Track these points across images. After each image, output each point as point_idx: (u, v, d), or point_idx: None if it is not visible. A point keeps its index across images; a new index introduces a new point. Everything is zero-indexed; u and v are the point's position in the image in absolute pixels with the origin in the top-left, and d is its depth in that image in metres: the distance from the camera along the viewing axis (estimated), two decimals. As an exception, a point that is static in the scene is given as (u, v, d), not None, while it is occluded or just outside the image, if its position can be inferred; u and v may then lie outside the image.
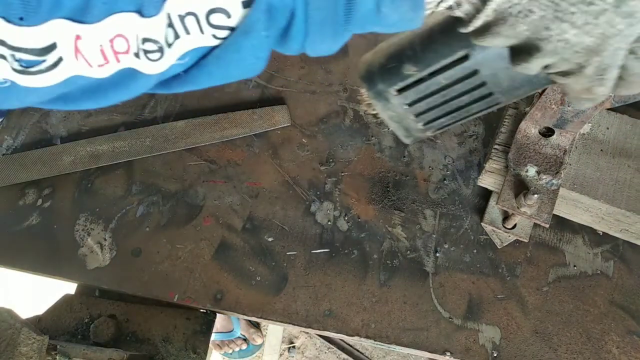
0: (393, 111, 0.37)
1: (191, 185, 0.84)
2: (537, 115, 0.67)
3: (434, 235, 0.79)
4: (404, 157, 0.85)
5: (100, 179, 0.85)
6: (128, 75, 0.30)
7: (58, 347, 0.66)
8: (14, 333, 0.58)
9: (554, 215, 0.73)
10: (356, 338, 0.73)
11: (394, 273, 0.76)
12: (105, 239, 0.80)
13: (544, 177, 0.68)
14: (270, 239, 0.79)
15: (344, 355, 1.75)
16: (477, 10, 0.29)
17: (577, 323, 0.72)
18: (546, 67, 0.31)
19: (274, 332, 1.81)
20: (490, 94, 0.36)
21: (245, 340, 1.77)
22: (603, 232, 0.77)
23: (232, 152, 0.87)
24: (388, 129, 0.88)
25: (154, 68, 0.31)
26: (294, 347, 1.81)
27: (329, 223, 0.80)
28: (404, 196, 0.82)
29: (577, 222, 0.78)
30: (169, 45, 0.30)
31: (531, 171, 0.69)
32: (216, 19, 0.29)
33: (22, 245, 0.80)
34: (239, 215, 0.81)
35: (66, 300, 0.80)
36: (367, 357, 1.73)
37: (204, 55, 0.31)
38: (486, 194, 0.80)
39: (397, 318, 0.73)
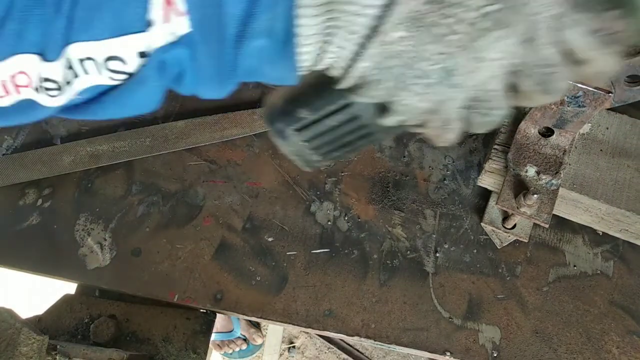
0: (292, 147, 0.42)
1: (191, 185, 0.84)
2: (537, 116, 0.67)
3: (434, 235, 0.79)
4: (404, 157, 0.85)
5: (100, 179, 0.85)
6: (28, 105, 0.34)
7: (58, 347, 0.66)
8: (14, 333, 0.58)
9: (553, 215, 0.73)
10: (356, 338, 0.73)
11: (394, 273, 0.76)
12: (105, 239, 0.80)
13: (544, 177, 0.68)
14: (270, 239, 0.80)
15: (344, 355, 1.75)
16: (344, 74, 0.34)
17: (577, 323, 0.72)
18: (402, 120, 0.36)
19: (274, 332, 1.81)
20: (371, 134, 0.42)
21: (245, 340, 1.77)
22: (603, 232, 0.78)
23: (232, 152, 0.87)
24: (388, 129, 0.87)
25: (52, 102, 0.34)
26: (294, 347, 1.81)
27: (329, 223, 0.80)
28: (404, 196, 0.82)
29: (577, 222, 0.78)
30: (68, 83, 0.33)
31: (531, 171, 0.69)
32: (113, 65, 0.32)
33: (22, 245, 0.80)
34: (239, 215, 0.81)
35: (66, 300, 0.80)
36: (367, 357, 1.73)
37: (104, 92, 0.34)
38: (486, 194, 0.80)
39: (397, 318, 0.73)
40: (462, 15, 0.30)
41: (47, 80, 0.32)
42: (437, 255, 0.77)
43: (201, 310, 0.80)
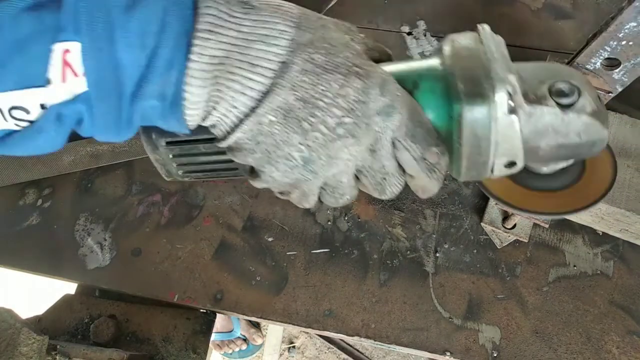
0: (159, 156, 0.45)
1: (191, 185, 0.84)
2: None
3: (434, 235, 0.79)
4: (404, 157, 0.85)
5: (101, 179, 0.85)
6: None
7: (58, 347, 0.66)
8: (14, 333, 0.58)
9: (553, 215, 0.73)
10: (356, 338, 0.73)
11: (394, 273, 0.76)
12: (105, 239, 0.80)
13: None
14: (270, 239, 0.79)
15: (344, 355, 1.75)
16: (223, 137, 0.38)
17: (577, 323, 0.72)
18: (266, 187, 0.42)
19: (274, 332, 1.81)
20: (235, 169, 0.46)
21: (245, 340, 1.77)
22: (603, 232, 0.77)
23: (232, 152, 0.86)
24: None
25: None
26: (294, 347, 1.81)
27: (329, 223, 0.80)
28: (404, 196, 0.82)
29: (577, 222, 0.78)
30: None
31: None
32: (17, 114, 0.34)
33: (22, 245, 0.80)
34: (239, 215, 0.81)
35: (66, 301, 0.80)
36: (367, 357, 1.73)
37: (10, 134, 0.36)
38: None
39: (397, 318, 0.73)
40: (324, 119, 0.36)
41: None
42: (437, 255, 0.77)
43: (201, 310, 0.80)
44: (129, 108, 0.36)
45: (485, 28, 0.41)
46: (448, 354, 0.71)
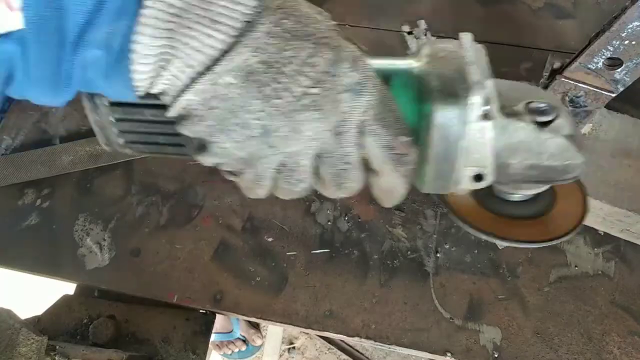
0: (99, 117, 0.40)
1: (190, 185, 0.84)
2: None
3: (435, 236, 0.78)
4: (405, 157, 0.84)
5: (100, 179, 0.85)
6: None
7: (57, 347, 0.66)
8: (13, 333, 0.58)
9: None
10: (356, 339, 0.72)
11: (394, 273, 0.76)
12: (104, 239, 0.80)
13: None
14: (270, 240, 0.79)
15: (344, 356, 1.74)
16: (172, 102, 0.34)
17: (578, 323, 0.72)
18: (217, 163, 0.38)
19: (274, 332, 1.81)
20: (182, 145, 0.41)
21: (244, 341, 1.76)
22: (604, 233, 0.77)
23: (231, 152, 0.86)
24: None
25: None
26: (294, 348, 1.80)
27: (329, 223, 0.80)
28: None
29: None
30: None
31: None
32: None
33: (21, 245, 0.80)
34: (238, 216, 0.81)
35: (65, 301, 0.80)
36: (367, 358, 1.73)
37: None
38: (487, 194, 0.80)
39: (398, 319, 0.73)
40: (289, 86, 0.33)
41: None
42: (438, 255, 0.77)
43: (200, 311, 0.79)
44: (69, 58, 0.32)
45: (466, 36, 0.39)
46: (449, 354, 0.70)
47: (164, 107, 0.36)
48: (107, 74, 0.33)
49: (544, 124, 0.38)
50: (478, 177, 0.39)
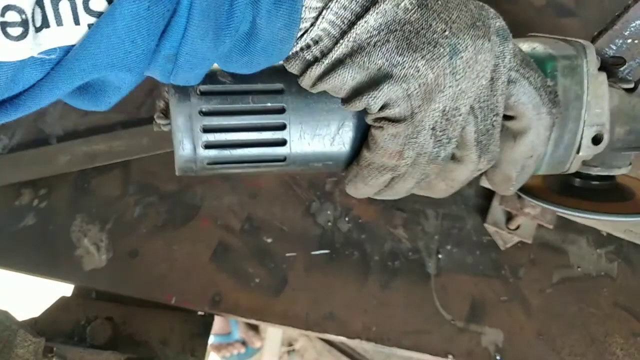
0: (186, 113, 0.35)
1: (189, 185, 0.83)
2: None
3: (436, 237, 0.78)
4: (405, 157, 0.84)
5: (97, 179, 0.84)
6: None
7: (54, 349, 0.65)
8: (10, 335, 0.57)
9: (557, 215, 0.72)
10: (357, 341, 0.72)
11: (395, 275, 0.75)
12: (101, 240, 0.79)
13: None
14: (269, 240, 0.79)
15: (345, 359, 1.74)
16: (341, 38, 0.31)
17: (580, 325, 0.71)
18: (383, 108, 0.34)
19: (273, 334, 1.80)
20: (284, 159, 0.36)
21: (243, 343, 1.76)
22: (607, 233, 0.77)
23: (231, 152, 0.86)
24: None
25: (9, 51, 0.24)
26: (293, 350, 1.80)
27: (329, 224, 0.79)
28: (404, 196, 0.81)
29: (581, 222, 0.77)
30: (36, 28, 0.24)
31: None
32: (95, 3, 0.25)
33: (18, 246, 0.79)
34: (237, 216, 0.80)
35: (63, 302, 0.79)
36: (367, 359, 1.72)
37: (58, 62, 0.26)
38: (489, 194, 0.79)
39: (399, 320, 0.72)
40: (460, 15, 0.32)
41: (8, 8, 0.23)
42: (439, 256, 0.76)
43: (199, 313, 0.79)
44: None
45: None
46: (450, 356, 0.70)
47: (278, 92, 0.34)
48: (270, 13, 0.30)
49: (630, 90, 0.41)
50: (596, 140, 0.39)
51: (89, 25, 0.25)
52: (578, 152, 0.39)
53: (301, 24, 0.31)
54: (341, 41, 0.31)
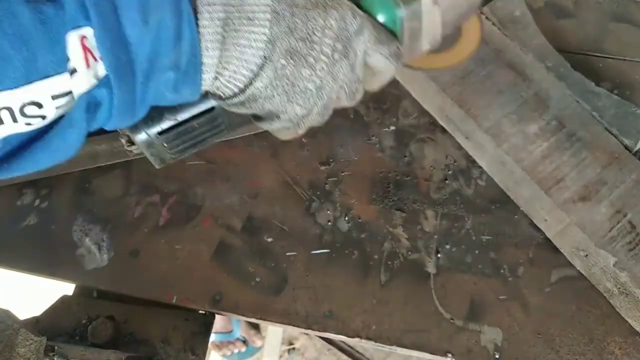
0: (155, 148, 0.47)
1: (190, 185, 0.83)
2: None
3: (436, 236, 0.78)
4: (405, 156, 0.84)
5: (98, 179, 0.85)
6: None
7: (56, 348, 0.66)
8: (12, 334, 0.57)
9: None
10: (357, 339, 0.72)
11: (395, 274, 0.76)
12: (103, 240, 0.79)
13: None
14: (269, 240, 0.79)
15: (345, 357, 1.74)
16: (238, 93, 0.41)
17: (579, 324, 0.71)
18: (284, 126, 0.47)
19: (274, 333, 1.80)
20: (221, 131, 0.50)
21: (244, 342, 1.76)
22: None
23: (231, 151, 0.86)
24: (389, 128, 0.87)
25: None
26: (293, 348, 1.80)
27: (329, 223, 0.80)
28: (405, 196, 0.81)
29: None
30: None
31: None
32: (30, 110, 0.33)
33: (20, 245, 0.80)
34: (238, 216, 0.81)
35: (64, 302, 0.79)
36: (367, 358, 1.73)
37: (24, 145, 0.36)
38: (489, 194, 0.79)
39: (398, 319, 0.73)
40: (322, 49, 0.42)
41: None
42: (439, 256, 0.76)
43: (200, 312, 0.79)
44: (144, 86, 0.37)
45: None
46: (449, 355, 0.70)
47: (208, 111, 0.45)
48: (175, 88, 0.39)
49: None
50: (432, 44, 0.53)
51: (25, 123, 0.34)
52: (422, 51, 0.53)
53: (204, 89, 0.41)
54: (243, 92, 0.41)
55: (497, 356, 0.70)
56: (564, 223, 0.71)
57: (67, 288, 0.84)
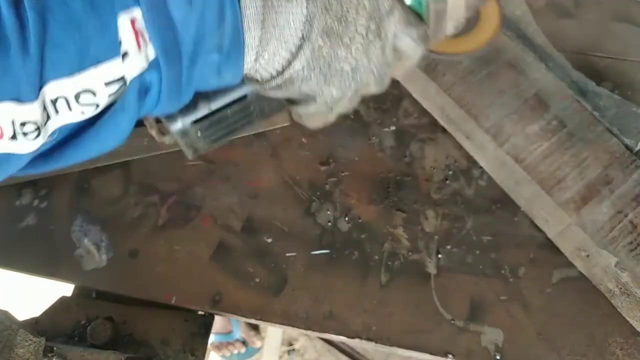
0: (189, 137, 0.47)
1: (189, 185, 0.83)
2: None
3: (436, 236, 0.78)
4: (406, 157, 0.84)
5: (97, 180, 0.84)
6: (1, 160, 0.33)
7: (55, 349, 0.65)
8: (11, 335, 0.57)
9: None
10: (357, 340, 0.72)
11: (395, 274, 0.75)
12: (102, 240, 0.79)
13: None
14: (269, 240, 0.79)
15: (345, 358, 1.74)
16: (276, 75, 0.41)
17: (580, 325, 0.71)
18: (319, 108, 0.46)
19: (274, 334, 1.80)
20: (253, 120, 0.50)
21: (244, 343, 1.76)
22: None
23: (231, 151, 0.86)
24: (389, 128, 0.87)
25: (31, 147, 0.34)
26: (293, 349, 1.80)
27: (329, 224, 0.79)
28: (405, 196, 0.81)
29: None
30: (44, 124, 0.33)
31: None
32: (85, 98, 0.33)
33: (19, 246, 0.79)
34: (237, 216, 0.81)
35: (63, 302, 0.79)
36: (367, 359, 1.72)
37: (75, 134, 0.36)
38: (489, 194, 0.79)
39: (399, 320, 0.72)
40: (357, 29, 0.41)
41: (25, 123, 0.32)
42: (439, 256, 0.76)
43: (199, 312, 0.79)
44: (189, 69, 0.37)
45: None
46: (450, 356, 0.70)
47: (241, 99, 0.45)
48: (219, 71, 0.39)
49: None
50: (456, 27, 0.51)
51: (81, 112, 0.34)
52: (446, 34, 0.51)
53: (246, 72, 0.41)
54: (281, 73, 0.41)
55: (498, 357, 0.69)
56: (565, 223, 0.71)
57: (66, 288, 0.84)
